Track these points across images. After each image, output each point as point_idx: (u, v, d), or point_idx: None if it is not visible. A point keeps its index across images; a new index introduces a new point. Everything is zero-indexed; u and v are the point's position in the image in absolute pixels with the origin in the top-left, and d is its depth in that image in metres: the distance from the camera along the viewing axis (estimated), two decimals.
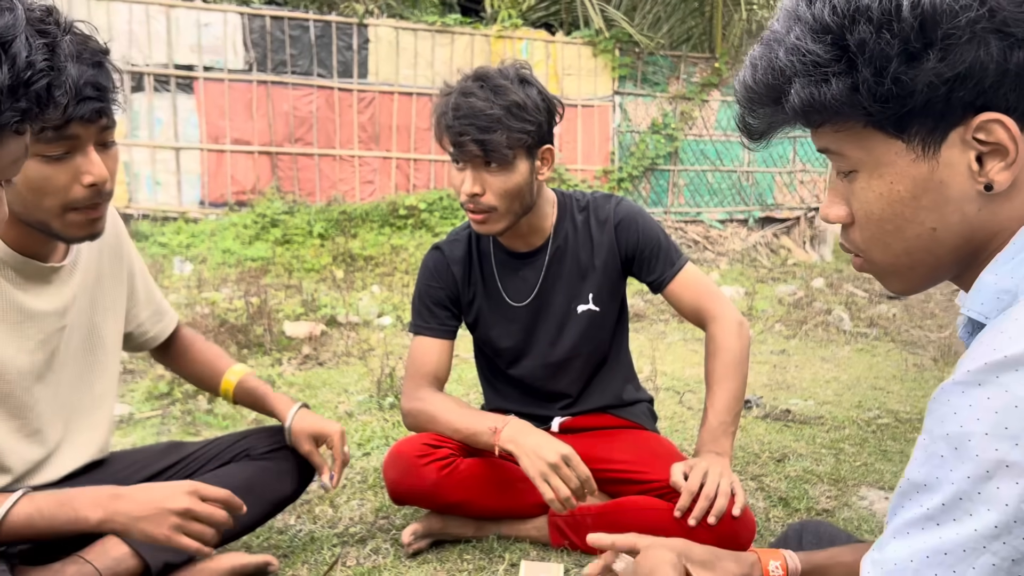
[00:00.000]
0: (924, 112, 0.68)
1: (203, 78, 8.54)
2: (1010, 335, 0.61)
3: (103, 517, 1.28)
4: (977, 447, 0.59)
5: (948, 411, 0.62)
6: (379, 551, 1.81)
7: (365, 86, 9.13)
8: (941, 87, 0.66)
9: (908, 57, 0.66)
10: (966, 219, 0.71)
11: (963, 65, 0.65)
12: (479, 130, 1.61)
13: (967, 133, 0.67)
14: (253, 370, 1.89)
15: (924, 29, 0.64)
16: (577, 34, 10.01)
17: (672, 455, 1.79)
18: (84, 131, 1.24)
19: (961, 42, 0.64)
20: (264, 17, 8.75)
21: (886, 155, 0.71)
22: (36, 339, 1.39)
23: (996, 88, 0.65)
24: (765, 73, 0.73)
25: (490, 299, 1.89)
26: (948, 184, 0.70)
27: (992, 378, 0.60)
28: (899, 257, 0.76)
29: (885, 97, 0.68)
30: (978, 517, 0.59)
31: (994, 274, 0.69)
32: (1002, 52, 0.64)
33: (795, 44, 0.70)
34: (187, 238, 7.76)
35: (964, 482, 0.60)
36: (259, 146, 8.77)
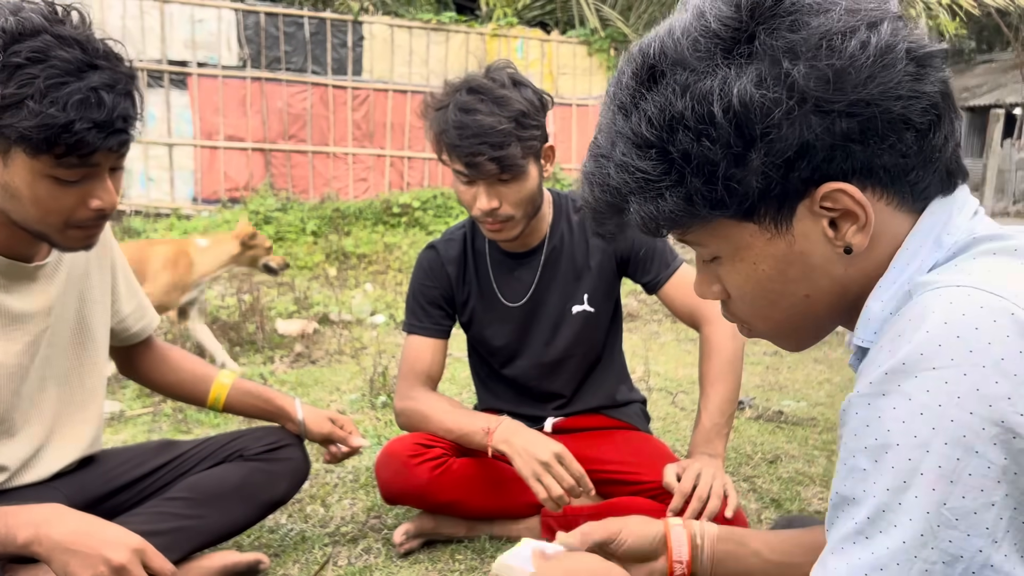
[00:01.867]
0: (767, 196, 0.69)
1: (197, 74, 8.51)
2: (906, 337, 0.62)
3: (29, 538, 1.17)
4: (892, 458, 0.60)
5: (859, 424, 0.63)
6: (370, 551, 1.81)
7: (360, 83, 9.12)
8: (774, 175, 0.67)
9: (733, 160, 0.67)
10: (836, 280, 0.73)
11: (791, 150, 0.66)
12: (492, 147, 1.57)
13: (813, 205, 0.69)
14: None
15: (741, 130, 0.65)
16: (572, 33, 10.01)
17: (665, 456, 1.79)
18: (105, 159, 1.23)
19: (782, 132, 0.65)
20: (258, 13, 8.72)
21: (742, 239, 0.72)
22: (23, 341, 1.37)
23: (829, 160, 0.66)
24: (603, 191, 0.74)
25: (485, 299, 1.89)
26: (809, 253, 0.71)
27: (894, 387, 0.61)
28: (781, 324, 0.79)
29: (719, 202, 0.69)
30: (903, 528, 0.60)
31: (879, 300, 0.70)
32: (826, 127, 0.65)
33: (623, 161, 0.70)
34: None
35: (884, 494, 0.61)
36: (253, 143, 8.74)
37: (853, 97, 0.64)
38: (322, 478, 2.26)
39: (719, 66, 0.66)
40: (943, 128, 0.68)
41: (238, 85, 8.67)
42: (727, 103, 0.65)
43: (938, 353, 0.59)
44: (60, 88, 1.13)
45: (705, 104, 0.65)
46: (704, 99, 0.66)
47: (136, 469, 1.62)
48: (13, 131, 1.13)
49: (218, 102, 8.60)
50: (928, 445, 0.58)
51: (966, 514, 0.58)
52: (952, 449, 0.58)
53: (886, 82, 0.64)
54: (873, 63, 0.64)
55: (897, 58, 0.64)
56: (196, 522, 1.55)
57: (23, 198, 1.21)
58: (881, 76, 0.64)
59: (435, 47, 9.42)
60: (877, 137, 0.66)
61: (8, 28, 1.12)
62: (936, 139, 0.68)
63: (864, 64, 0.64)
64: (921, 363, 0.60)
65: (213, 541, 1.60)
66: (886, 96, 0.65)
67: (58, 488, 1.48)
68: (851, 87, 0.64)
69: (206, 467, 1.65)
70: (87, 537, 1.18)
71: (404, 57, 9.27)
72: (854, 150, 0.66)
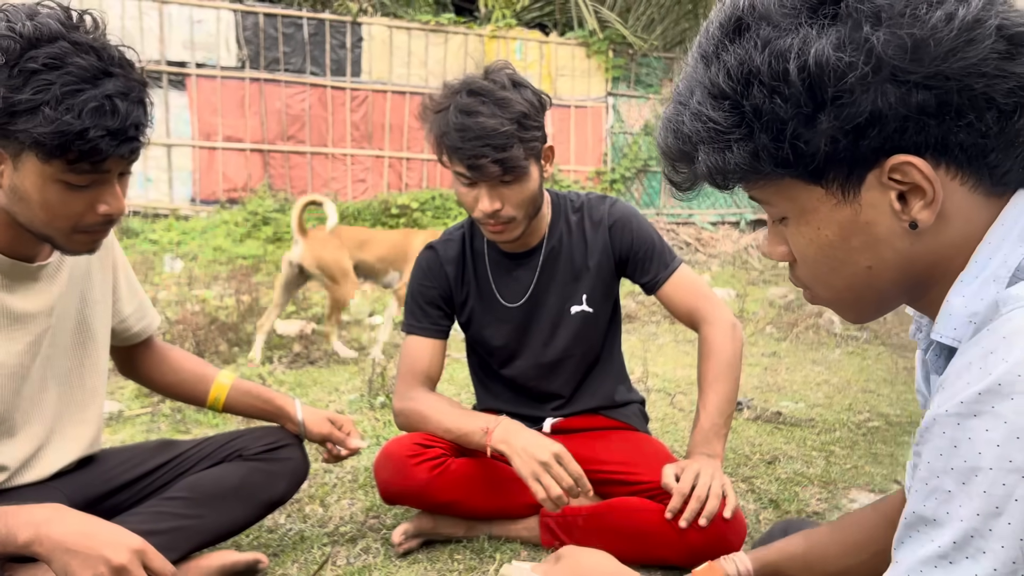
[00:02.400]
0: (836, 161, 0.68)
1: (196, 75, 8.51)
2: (1000, 355, 0.60)
3: (30, 538, 1.16)
4: (984, 482, 0.59)
5: (947, 444, 0.62)
6: (369, 550, 1.81)
7: (358, 84, 9.12)
8: (843, 140, 0.66)
9: (802, 120, 0.66)
10: (900, 254, 0.71)
11: (862, 116, 0.65)
12: (495, 149, 1.57)
13: (883, 176, 0.68)
14: None
15: (813, 92, 0.65)
16: (571, 35, 10.02)
17: (663, 456, 1.80)
18: (115, 165, 1.24)
19: (854, 97, 0.64)
20: (257, 14, 8.72)
21: (809, 202, 0.72)
22: (25, 341, 1.38)
23: (902, 132, 0.65)
24: (676, 138, 0.74)
25: (483, 299, 1.89)
26: (874, 224, 0.70)
27: (988, 408, 0.59)
28: (842, 292, 0.77)
29: (785, 160, 0.69)
30: (992, 555, 0.58)
31: (960, 295, 0.69)
32: (900, 98, 0.64)
33: (698, 110, 0.71)
34: (178, 235, 7.74)
35: (974, 519, 0.59)
36: (251, 144, 8.75)
37: (932, 70, 0.63)
38: (321, 478, 2.26)
39: (802, 25, 0.65)
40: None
41: (237, 86, 8.67)
42: (803, 62, 0.64)
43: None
44: (76, 95, 1.13)
45: (782, 61, 0.65)
46: (782, 56, 0.65)
47: (135, 469, 1.62)
48: (28, 136, 1.13)
49: (217, 103, 8.60)
50: (1023, 471, 0.57)
51: None
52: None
53: (969, 57, 0.63)
54: (957, 36, 0.62)
55: (985, 34, 0.63)
56: (195, 522, 1.55)
57: (32, 201, 1.22)
58: (965, 51, 0.63)
59: (434, 48, 9.43)
60: (955, 113, 0.64)
61: (25, 33, 1.13)
62: (1021, 122, 0.65)
63: (947, 37, 0.62)
64: (1018, 385, 0.58)
65: (212, 541, 1.60)
66: (968, 72, 0.63)
67: (58, 488, 1.48)
68: (930, 59, 0.63)
69: (205, 467, 1.65)
70: (87, 538, 1.18)
71: (403, 58, 9.28)
72: (929, 124, 0.65)
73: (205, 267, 6.99)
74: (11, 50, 1.12)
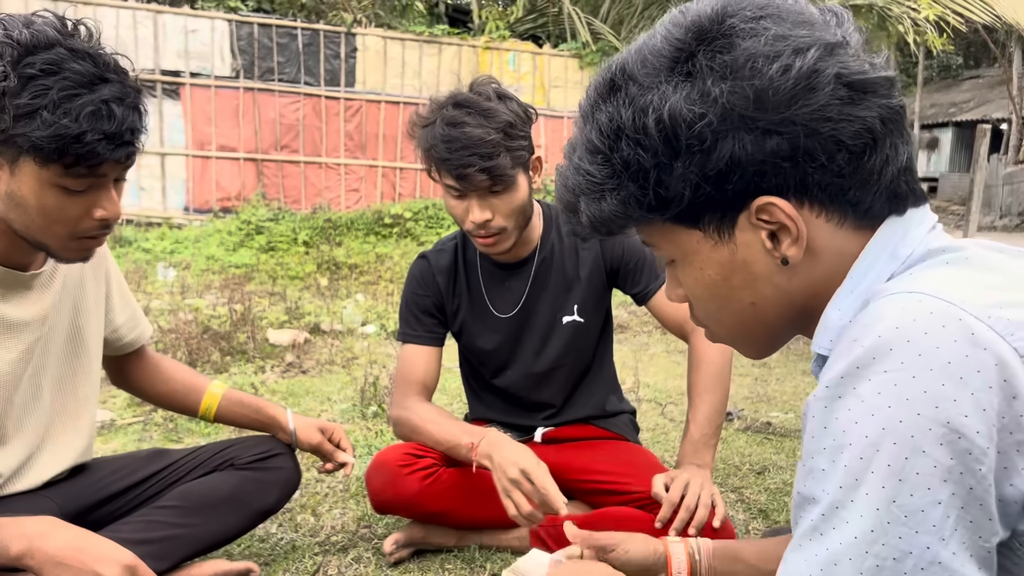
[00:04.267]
0: (705, 205, 0.73)
1: (190, 84, 8.52)
2: (860, 341, 0.64)
3: (22, 550, 1.17)
4: (845, 457, 0.63)
5: (817, 426, 0.66)
6: (360, 560, 1.81)
7: (352, 94, 9.14)
8: (706, 185, 0.72)
9: (662, 168, 0.72)
10: (779, 290, 0.76)
11: (722, 162, 0.70)
12: (482, 158, 1.58)
13: (751, 217, 0.73)
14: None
15: (669, 141, 0.71)
16: (564, 46, 10.07)
17: (653, 466, 1.81)
18: (111, 170, 1.25)
19: (707, 144, 0.70)
20: (252, 24, 8.74)
21: (690, 244, 0.77)
22: (18, 349, 1.38)
23: (761, 175, 0.70)
24: (564, 189, 0.81)
25: (475, 309, 1.90)
26: (751, 263, 0.75)
27: (849, 389, 0.64)
28: (734, 329, 0.83)
29: (651, 206, 0.74)
30: (854, 524, 0.62)
31: (837, 309, 0.73)
32: (755, 144, 0.69)
33: (577, 164, 0.77)
34: (171, 244, 7.73)
35: (837, 491, 0.63)
36: (245, 153, 8.75)
37: (777, 116, 0.68)
38: (313, 487, 2.26)
39: (662, 83, 0.71)
40: (880, 152, 0.70)
41: (231, 95, 8.69)
42: (659, 116, 0.70)
43: (889, 356, 0.62)
44: (73, 100, 1.14)
45: (642, 116, 0.71)
46: (643, 111, 0.71)
47: (127, 478, 1.62)
48: (25, 140, 1.14)
49: (211, 112, 8.61)
50: (878, 444, 0.61)
51: (914, 511, 0.60)
52: (901, 448, 0.60)
53: (811, 103, 0.68)
54: (795, 84, 0.68)
55: (824, 82, 0.68)
56: (187, 531, 1.55)
57: (29, 207, 1.22)
58: (806, 97, 0.68)
59: (428, 59, 9.46)
60: (807, 156, 0.69)
61: (23, 40, 1.14)
62: (872, 162, 0.70)
63: (784, 86, 0.68)
64: (873, 366, 0.62)
65: (204, 550, 1.61)
66: (813, 117, 0.68)
67: (49, 496, 1.48)
68: (773, 106, 0.68)
69: (197, 476, 1.65)
70: (80, 552, 1.18)
71: (397, 69, 9.31)
72: (784, 167, 0.70)
73: (198, 276, 6.98)
74: (9, 56, 1.13)
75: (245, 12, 8.96)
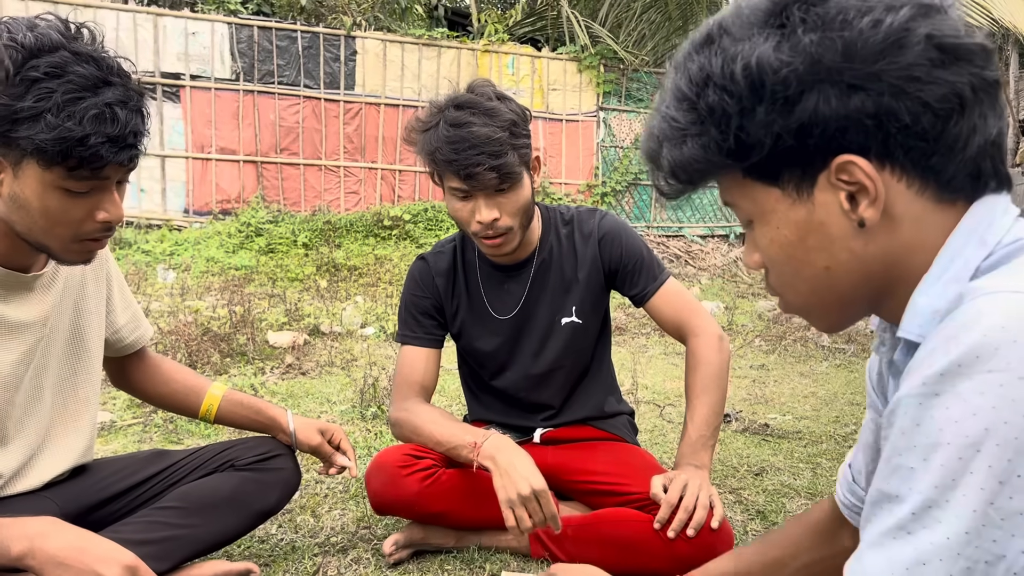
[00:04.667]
0: (786, 160, 0.74)
1: (190, 86, 8.53)
2: (961, 339, 0.63)
3: (23, 551, 1.17)
4: (941, 456, 0.61)
5: (909, 423, 0.64)
6: (360, 561, 1.82)
7: (352, 97, 9.15)
8: (787, 137, 0.72)
9: (744, 114, 0.73)
10: (856, 255, 0.75)
11: (805, 114, 0.70)
12: (491, 156, 1.59)
13: (831, 176, 0.72)
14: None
15: (754, 87, 0.72)
16: (563, 50, 10.09)
17: (652, 467, 1.82)
18: (115, 172, 1.26)
19: (791, 92, 0.70)
20: (252, 27, 8.75)
21: (768, 202, 0.77)
22: (19, 351, 1.39)
23: (843, 132, 0.70)
24: (648, 139, 0.82)
25: (474, 311, 1.91)
26: (828, 224, 0.75)
27: (948, 387, 0.62)
28: (807, 297, 0.81)
29: (731, 151, 0.75)
30: (948, 524, 0.61)
31: (926, 295, 0.72)
32: (839, 99, 0.69)
33: (664, 112, 0.78)
34: (171, 246, 7.73)
35: (932, 491, 0.62)
36: (245, 155, 8.76)
37: (862, 70, 0.68)
38: (312, 488, 2.27)
39: (754, 34, 0.72)
40: (967, 119, 0.70)
41: (231, 98, 8.69)
42: (747, 63, 0.71)
43: (995, 356, 0.60)
44: (77, 103, 1.15)
45: (730, 63, 0.72)
46: (732, 59, 0.72)
47: (128, 479, 1.63)
48: (30, 143, 1.15)
49: (211, 115, 8.62)
50: (980, 445, 0.59)
51: (1012, 515, 0.59)
52: (1003, 450, 0.59)
53: (899, 60, 0.68)
54: (884, 39, 0.68)
55: (914, 40, 0.68)
56: (187, 531, 1.56)
57: (32, 209, 1.23)
58: (894, 54, 0.68)
59: (427, 62, 9.47)
60: (891, 115, 0.69)
61: (27, 44, 1.15)
62: (957, 128, 0.69)
63: (873, 40, 0.68)
64: (977, 365, 0.61)
65: (204, 550, 1.61)
66: (899, 76, 0.68)
67: (50, 497, 1.48)
68: (859, 59, 0.68)
69: (198, 477, 1.66)
70: (81, 552, 1.19)
71: (396, 72, 9.32)
72: (867, 125, 0.69)
73: (198, 278, 6.98)
74: (13, 59, 1.15)
75: (245, 15, 8.97)
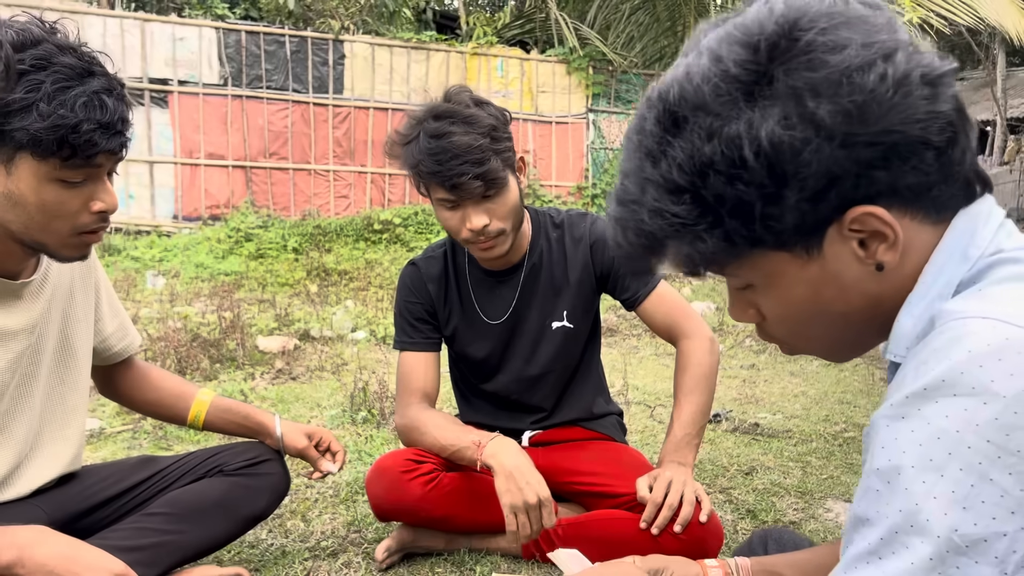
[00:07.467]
0: (801, 226, 0.70)
1: (178, 92, 8.51)
2: (931, 364, 0.62)
3: (12, 559, 1.18)
4: (906, 481, 0.61)
5: (877, 446, 0.64)
6: (351, 565, 1.82)
7: (340, 101, 9.15)
8: (806, 208, 0.68)
9: (769, 199, 0.68)
10: (869, 295, 0.73)
11: (820, 183, 0.67)
12: (474, 164, 1.58)
13: (843, 228, 0.70)
14: None
15: (774, 171, 0.67)
16: (552, 52, 10.12)
17: (640, 465, 1.82)
18: (106, 161, 1.27)
19: (812, 169, 0.66)
20: (239, 32, 8.74)
21: (775, 267, 0.74)
22: (6, 358, 1.38)
23: (855, 186, 0.68)
24: (637, 236, 0.75)
25: (466, 316, 1.91)
26: (842, 273, 0.72)
27: (914, 411, 0.62)
28: (822, 340, 0.80)
29: (759, 239, 0.71)
30: (914, 550, 0.60)
31: (910, 316, 0.71)
32: (850, 158, 0.66)
33: (656, 207, 0.71)
34: (160, 252, 7.71)
35: (897, 516, 0.61)
36: (233, 160, 8.74)
37: (876, 128, 0.66)
38: (302, 493, 2.27)
39: (743, 109, 0.67)
40: (960, 143, 0.69)
41: (219, 103, 8.68)
42: (757, 146, 0.66)
43: (960, 381, 0.60)
44: (66, 91, 1.17)
45: (735, 148, 0.67)
46: (732, 143, 0.67)
47: (116, 485, 1.62)
48: (24, 134, 1.16)
49: (199, 120, 8.60)
50: (943, 470, 0.59)
51: (976, 542, 0.58)
52: (967, 475, 0.58)
53: (905, 109, 0.66)
54: (893, 94, 0.65)
55: (913, 85, 0.66)
56: (176, 537, 1.55)
57: (28, 204, 1.23)
58: (901, 105, 0.65)
59: (415, 66, 9.48)
60: (900, 160, 0.67)
61: (10, 39, 1.16)
62: (955, 154, 0.69)
63: (885, 96, 0.65)
64: (942, 389, 0.60)
65: (193, 556, 1.61)
66: (906, 122, 0.66)
67: (38, 505, 1.48)
68: (874, 119, 0.65)
69: (186, 482, 1.65)
70: (70, 561, 1.20)
71: (385, 75, 9.33)
72: (878, 176, 0.67)
73: (187, 284, 6.96)
74: (7, 56, 1.15)
75: (233, 20, 8.97)
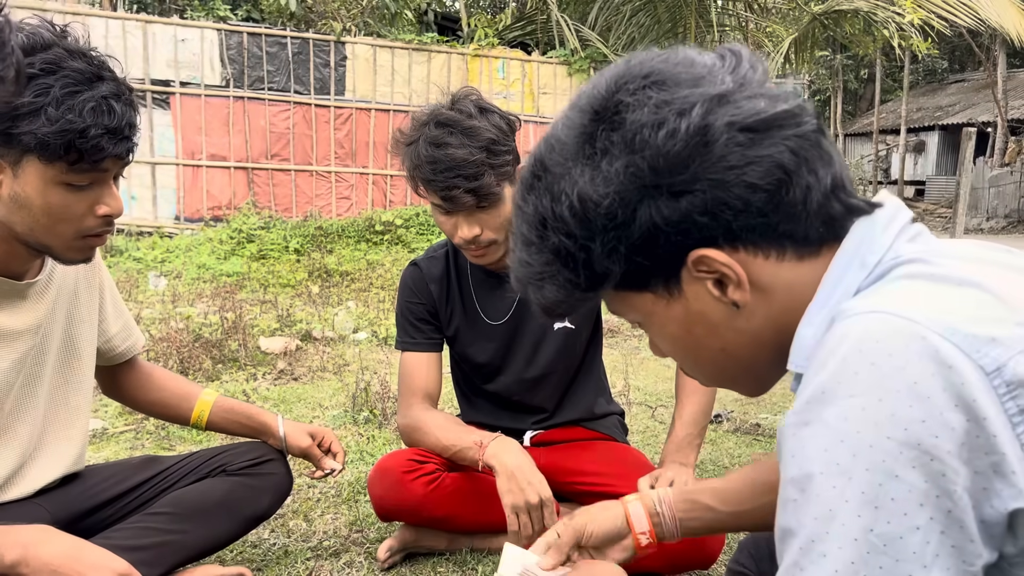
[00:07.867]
0: (644, 271, 0.75)
1: (180, 93, 8.53)
2: (825, 366, 0.63)
3: (16, 559, 1.19)
4: (817, 487, 0.61)
5: (788, 455, 0.64)
6: (353, 564, 1.83)
7: (342, 102, 9.16)
8: (635, 256, 0.73)
9: (585, 249, 0.74)
10: (743, 331, 0.76)
11: (642, 230, 0.71)
12: (467, 179, 1.58)
13: (691, 271, 0.73)
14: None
15: (584, 223, 0.72)
16: (553, 54, 10.12)
17: (641, 465, 1.83)
18: (113, 166, 1.27)
19: (621, 219, 0.71)
20: (241, 33, 8.76)
21: (646, 307, 0.78)
22: (11, 359, 1.39)
23: (686, 233, 0.71)
24: (514, 280, 0.83)
25: (468, 317, 1.92)
26: (706, 312, 0.76)
27: (815, 416, 0.62)
28: (716, 374, 0.83)
29: (587, 285, 0.76)
30: (832, 557, 0.60)
31: (810, 325, 0.72)
32: (669, 207, 0.70)
33: (518, 256, 0.80)
34: (162, 253, 7.72)
35: (813, 523, 0.61)
36: (235, 162, 8.76)
37: (677, 178, 0.69)
38: (305, 493, 2.28)
39: (571, 169, 0.73)
40: (797, 184, 0.70)
41: (221, 104, 8.69)
42: (570, 201, 0.72)
43: (854, 380, 0.61)
44: (75, 96, 1.17)
45: (558, 204, 0.73)
46: (557, 199, 0.73)
47: (119, 485, 1.63)
48: (32, 137, 1.16)
49: (201, 121, 8.62)
50: (850, 472, 0.59)
51: (893, 539, 0.58)
52: (873, 475, 0.59)
53: (708, 158, 0.68)
54: (685, 147, 0.68)
55: (716, 135, 0.68)
56: (179, 537, 1.56)
57: (34, 207, 1.24)
58: (701, 154, 0.68)
59: (417, 67, 9.49)
60: (723, 206, 0.69)
61: (20, 43, 1.17)
62: (791, 195, 0.70)
63: (675, 150, 0.68)
64: (839, 391, 0.61)
65: (196, 556, 1.61)
66: (715, 169, 0.68)
67: (41, 504, 1.48)
68: (669, 171, 0.68)
69: (189, 482, 1.66)
70: (74, 560, 1.20)
71: (386, 77, 9.34)
72: (703, 221, 0.70)
73: (189, 285, 6.97)
74: (18, 59, 1.16)
75: (234, 21, 8.99)
